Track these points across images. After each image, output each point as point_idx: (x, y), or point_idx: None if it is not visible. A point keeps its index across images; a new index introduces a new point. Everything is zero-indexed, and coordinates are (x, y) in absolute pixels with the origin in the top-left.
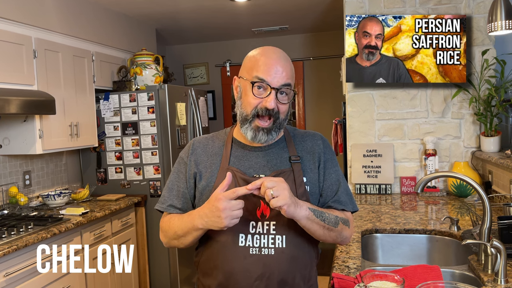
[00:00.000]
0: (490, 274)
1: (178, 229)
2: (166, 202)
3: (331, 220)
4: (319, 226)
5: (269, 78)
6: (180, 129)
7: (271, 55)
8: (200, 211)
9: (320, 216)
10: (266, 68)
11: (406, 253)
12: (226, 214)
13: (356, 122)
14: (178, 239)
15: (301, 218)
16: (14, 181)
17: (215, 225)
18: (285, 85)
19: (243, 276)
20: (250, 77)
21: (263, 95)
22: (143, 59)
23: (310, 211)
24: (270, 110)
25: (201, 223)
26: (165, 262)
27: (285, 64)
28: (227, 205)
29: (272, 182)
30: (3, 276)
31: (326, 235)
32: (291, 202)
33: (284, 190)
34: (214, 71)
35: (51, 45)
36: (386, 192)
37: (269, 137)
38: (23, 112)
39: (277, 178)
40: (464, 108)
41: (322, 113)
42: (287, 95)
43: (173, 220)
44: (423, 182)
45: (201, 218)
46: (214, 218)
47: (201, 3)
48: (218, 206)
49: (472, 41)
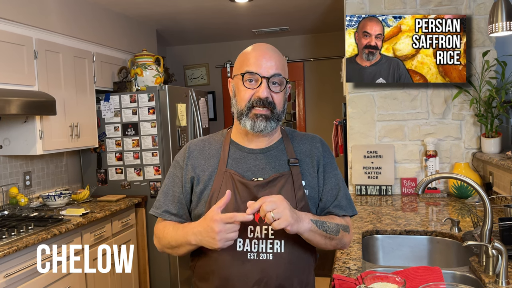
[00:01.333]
0: (491, 275)
1: (171, 240)
2: (161, 207)
3: (332, 229)
4: (321, 236)
5: (259, 69)
6: (180, 130)
7: (258, 49)
8: (195, 228)
9: (322, 227)
10: (255, 61)
11: (407, 255)
12: (221, 236)
13: (356, 123)
14: (171, 249)
15: (304, 232)
16: (14, 182)
17: (209, 245)
18: (276, 74)
19: (240, 281)
20: (241, 72)
21: (255, 86)
22: (143, 60)
23: (312, 224)
24: (263, 99)
25: (194, 240)
26: (165, 263)
27: (274, 55)
28: (222, 228)
29: (271, 204)
30: (4, 276)
31: (327, 243)
32: (294, 221)
33: (285, 210)
34: (214, 72)
35: (51, 45)
36: (387, 193)
37: (268, 125)
38: (23, 112)
39: (275, 198)
40: (465, 109)
41: (323, 114)
42: (279, 85)
43: (167, 230)
44: (424, 183)
45: (195, 235)
46: (208, 239)
47: (202, 4)
48: (213, 228)
49: (472, 42)
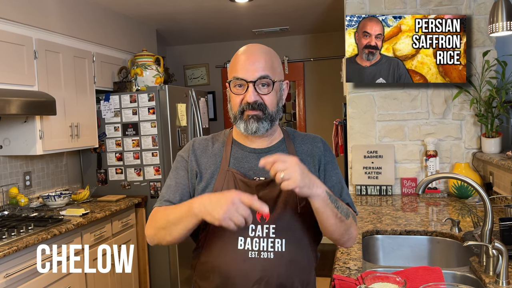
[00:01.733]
0: (492, 275)
1: (171, 215)
2: (163, 197)
3: (343, 210)
4: (332, 213)
5: (245, 74)
6: (180, 130)
7: (246, 51)
8: (203, 197)
9: (335, 202)
10: (241, 66)
11: (407, 255)
12: (229, 209)
13: (356, 123)
14: (166, 229)
15: (316, 197)
16: (14, 182)
17: (213, 213)
18: (262, 77)
19: (241, 279)
20: (230, 78)
21: (243, 91)
22: (143, 60)
23: (326, 194)
24: (252, 103)
25: (198, 208)
26: (165, 263)
27: (261, 56)
28: (236, 203)
29: (283, 164)
30: (4, 277)
31: (337, 225)
32: (304, 185)
33: (295, 172)
34: (214, 72)
35: (51, 45)
36: (387, 194)
37: (261, 125)
38: (23, 112)
39: (289, 159)
40: (465, 109)
41: (323, 114)
42: (268, 86)
43: (169, 208)
44: (424, 184)
45: (200, 203)
46: (216, 206)
47: (202, 4)
48: (229, 197)
49: (472, 42)
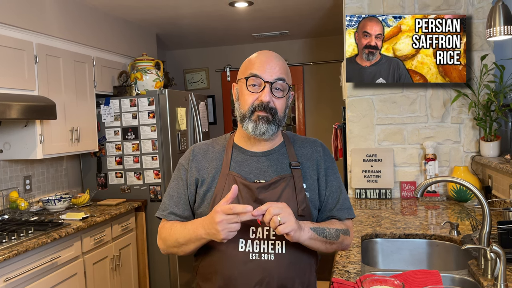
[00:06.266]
0: (490, 278)
1: (180, 237)
2: (167, 209)
3: (332, 235)
4: (321, 242)
5: (263, 73)
6: (180, 134)
7: (264, 54)
8: (203, 221)
9: (321, 234)
10: (259, 65)
11: (406, 258)
12: (223, 227)
13: (356, 127)
14: (179, 247)
15: (304, 241)
16: (14, 186)
17: (214, 237)
18: (279, 79)
19: (242, 281)
20: (245, 75)
21: (258, 90)
22: (143, 64)
23: (312, 232)
24: (265, 104)
25: (204, 233)
26: (165, 267)
27: (278, 61)
28: (223, 218)
29: (278, 209)
30: (4, 281)
31: (328, 248)
32: (297, 228)
33: (290, 216)
34: (214, 76)
35: (52, 50)
36: (386, 197)
37: (269, 128)
38: (24, 117)
39: (281, 204)
40: (464, 113)
41: (322, 118)
42: (282, 91)
43: (175, 228)
44: (423, 187)
45: (203, 228)
46: (213, 230)
47: (201, 9)
48: (214, 218)
49: (471, 46)
